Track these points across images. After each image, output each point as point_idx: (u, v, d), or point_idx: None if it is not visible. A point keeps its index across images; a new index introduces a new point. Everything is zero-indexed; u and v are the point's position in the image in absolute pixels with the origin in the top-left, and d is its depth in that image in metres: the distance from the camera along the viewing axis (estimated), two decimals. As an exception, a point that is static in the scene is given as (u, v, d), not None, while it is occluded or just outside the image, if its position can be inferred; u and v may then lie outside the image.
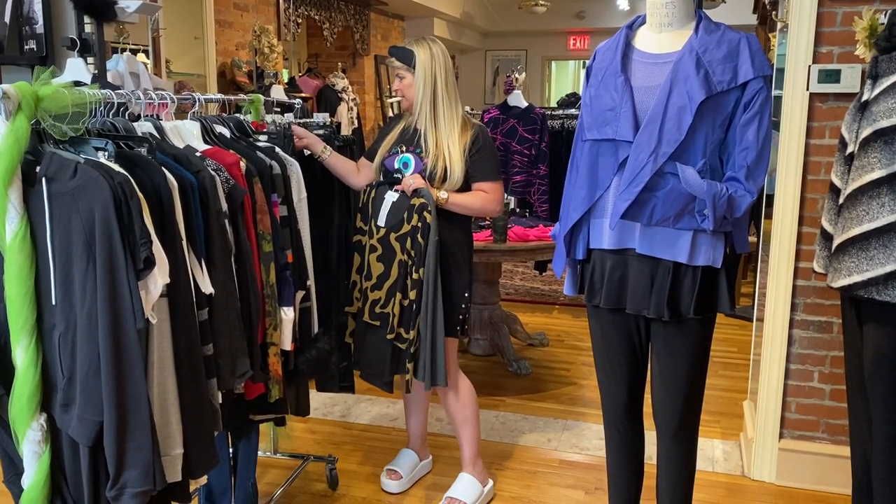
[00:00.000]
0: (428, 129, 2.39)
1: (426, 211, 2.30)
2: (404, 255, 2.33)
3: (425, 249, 2.30)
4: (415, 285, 2.33)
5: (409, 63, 2.39)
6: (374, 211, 2.42)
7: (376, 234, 2.39)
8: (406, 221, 2.33)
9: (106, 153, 1.50)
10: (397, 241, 2.35)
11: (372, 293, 2.40)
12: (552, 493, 2.64)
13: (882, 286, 1.84)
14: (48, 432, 1.49)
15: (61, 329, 1.45)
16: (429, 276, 2.31)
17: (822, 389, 2.62)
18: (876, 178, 1.85)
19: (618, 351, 1.96)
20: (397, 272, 2.35)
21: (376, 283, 2.40)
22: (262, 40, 5.37)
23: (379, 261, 2.39)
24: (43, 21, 2.97)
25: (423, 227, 2.30)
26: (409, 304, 2.34)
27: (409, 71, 2.40)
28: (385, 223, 2.37)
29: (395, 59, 2.43)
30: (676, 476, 1.99)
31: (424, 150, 2.39)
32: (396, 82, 2.46)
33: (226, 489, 2.24)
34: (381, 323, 2.39)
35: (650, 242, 1.79)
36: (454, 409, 2.53)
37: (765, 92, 1.74)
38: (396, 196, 2.37)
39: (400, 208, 2.35)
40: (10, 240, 1.42)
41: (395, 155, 2.45)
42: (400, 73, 2.44)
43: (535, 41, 12.13)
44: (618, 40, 1.87)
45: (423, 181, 2.33)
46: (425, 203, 2.31)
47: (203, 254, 1.68)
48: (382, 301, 2.38)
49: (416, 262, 2.32)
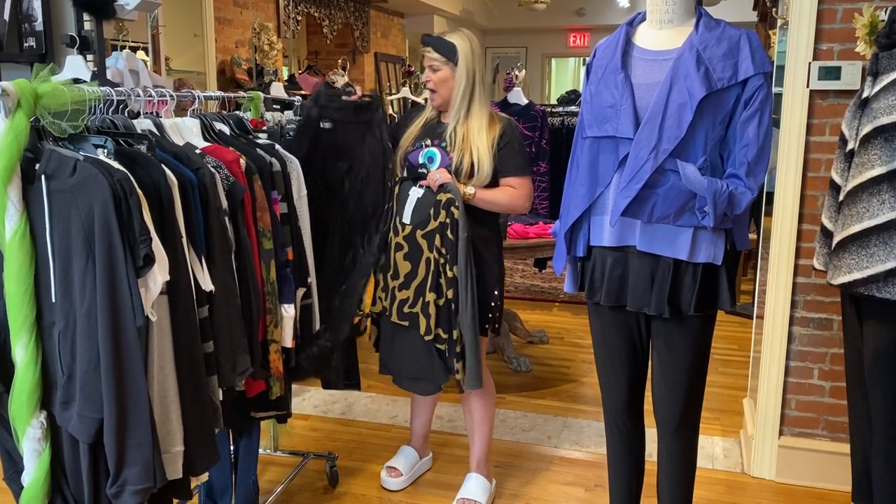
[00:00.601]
0: (458, 123, 2.31)
1: (453, 206, 2.23)
2: (433, 252, 2.26)
3: (456, 246, 2.24)
4: (451, 284, 2.26)
5: (451, 57, 2.29)
6: (399, 207, 2.34)
7: (402, 231, 2.32)
8: (433, 218, 2.26)
9: (105, 150, 1.50)
10: (424, 238, 2.28)
11: (399, 292, 2.34)
12: (552, 491, 2.65)
13: (882, 283, 1.84)
14: (48, 430, 1.49)
15: (61, 326, 1.45)
16: (461, 273, 2.24)
17: (821, 386, 2.62)
18: (876, 175, 1.85)
19: (618, 348, 1.96)
20: (425, 270, 2.28)
21: (403, 283, 2.33)
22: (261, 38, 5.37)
23: (406, 259, 2.32)
24: (42, 18, 2.97)
25: (451, 223, 2.23)
26: (445, 303, 2.27)
27: (447, 64, 2.30)
28: (410, 220, 2.30)
29: (434, 50, 2.32)
30: (677, 473, 1.99)
31: (450, 144, 2.32)
32: (428, 74, 2.35)
33: (227, 486, 2.24)
34: (410, 323, 2.32)
35: (651, 239, 1.79)
36: (475, 408, 2.49)
37: (765, 89, 1.73)
38: (421, 192, 2.30)
39: (426, 204, 2.28)
40: (9, 237, 1.42)
41: (420, 149, 2.37)
42: (435, 66, 2.33)
43: (535, 38, 12.13)
44: (618, 37, 1.87)
45: (449, 176, 2.26)
46: (452, 198, 2.23)
47: (203, 251, 1.68)
48: (411, 300, 2.32)
49: (450, 260, 2.25)
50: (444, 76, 2.32)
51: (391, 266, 2.36)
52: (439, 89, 2.34)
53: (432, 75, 2.34)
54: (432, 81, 2.34)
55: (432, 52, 2.32)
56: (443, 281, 2.27)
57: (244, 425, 2.19)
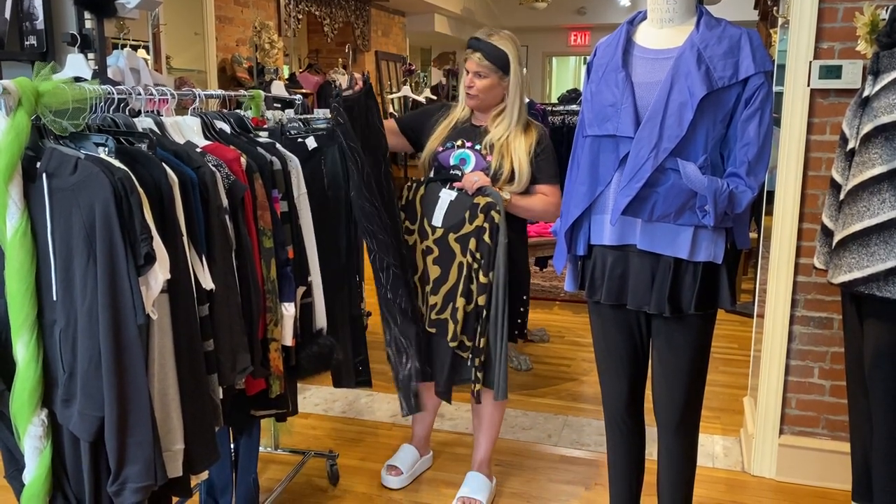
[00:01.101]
0: (497, 128, 2.26)
1: (494, 210, 2.18)
2: (466, 257, 2.21)
3: (494, 251, 2.19)
4: (483, 290, 2.20)
5: (503, 67, 2.22)
6: (426, 210, 2.28)
7: (431, 234, 2.26)
8: (468, 221, 2.20)
9: (106, 149, 1.50)
10: (457, 242, 2.22)
11: (430, 298, 2.29)
12: (552, 489, 2.65)
13: (882, 282, 1.84)
14: (49, 428, 1.49)
15: (62, 325, 1.45)
16: (499, 279, 2.19)
17: (822, 385, 2.62)
18: (877, 175, 1.85)
19: (619, 347, 1.96)
20: (456, 275, 2.23)
21: (433, 288, 2.28)
22: (262, 36, 5.38)
23: (435, 263, 2.26)
24: (43, 17, 2.97)
25: (490, 228, 2.18)
26: (473, 309, 2.23)
27: (496, 73, 2.23)
28: (442, 223, 2.24)
29: (485, 57, 2.22)
30: (677, 472, 1.99)
31: (486, 147, 2.26)
32: (472, 79, 2.26)
33: (227, 484, 2.24)
34: (437, 330, 2.28)
35: (651, 238, 1.79)
36: (487, 412, 2.47)
37: (766, 87, 1.74)
38: (454, 194, 2.23)
39: (460, 207, 2.22)
40: (10, 235, 1.42)
41: (451, 150, 2.30)
42: (483, 72, 2.24)
43: (535, 37, 12.13)
44: (619, 36, 1.87)
45: (487, 179, 2.21)
46: (492, 202, 2.18)
47: (204, 250, 1.68)
48: (439, 307, 2.27)
49: (484, 265, 2.20)
50: (491, 84, 2.25)
51: (421, 268, 2.30)
52: (482, 95, 2.27)
53: (477, 81, 2.25)
54: (476, 87, 2.26)
55: (483, 59, 2.22)
56: (474, 287, 2.22)
57: (244, 424, 2.19)
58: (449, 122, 2.37)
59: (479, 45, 2.23)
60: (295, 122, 2.50)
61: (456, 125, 2.35)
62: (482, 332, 2.24)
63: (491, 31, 2.29)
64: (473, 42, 2.25)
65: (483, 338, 2.24)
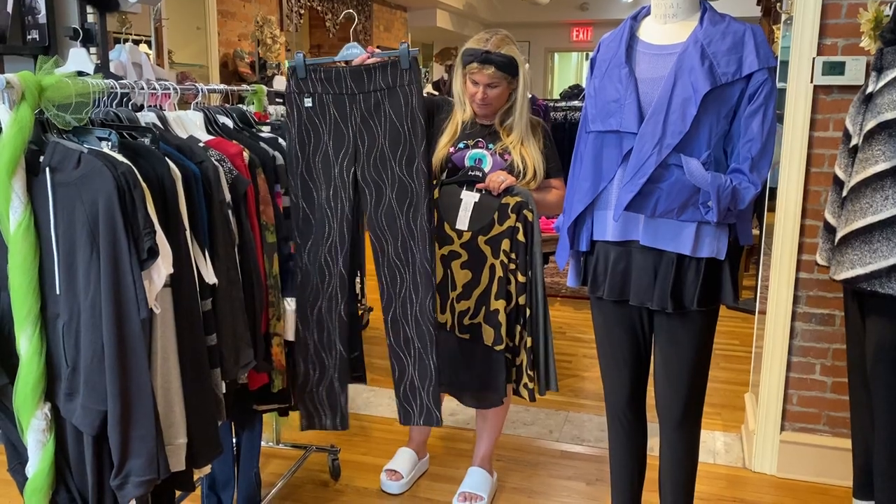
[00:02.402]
0: (512, 127, 2.25)
1: (526, 209, 2.16)
2: (499, 258, 2.19)
3: (531, 249, 2.17)
4: (522, 289, 2.19)
5: (514, 72, 2.21)
6: (446, 213, 2.23)
7: (457, 238, 2.22)
8: (497, 222, 2.18)
9: (109, 143, 1.50)
10: (487, 244, 2.20)
11: (458, 304, 2.24)
12: (554, 485, 2.65)
13: (885, 279, 1.84)
14: (52, 421, 1.49)
15: (65, 318, 1.45)
16: (536, 276, 2.18)
17: (823, 382, 2.62)
18: (880, 171, 1.85)
19: (621, 342, 1.96)
20: (488, 278, 2.20)
21: (462, 293, 2.23)
22: (264, 31, 5.37)
23: (465, 268, 2.22)
24: (45, 11, 2.97)
25: (524, 226, 2.16)
26: (513, 309, 2.21)
27: (506, 78, 2.21)
28: (469, 226, 2.20)
29: (498, 69, 2.18)
30: (679, 467, 1.99)
31: (500, 147, 2.25)
32: (485, 91, 2.21)
33: (229, 479, 2.25)
34: (471, 335, 2.24)
35: (654, 234, 1.79)
36: (494, 410, 2.45)
37: (769, 83, 1.73)
38: (478, 196, 2.19)
39: (487, 209, 2.18)
40: (13, 229, 1.42)
41: (465, 150, 2.27)
42: (495, 83, 2.21)
43: (537, 32, 12.11)
44: (622, 31, 1.87)
45: (513, 178, 2.19)
46: (523, 201, 2.16)
47: (206, 244, 1.68)
48: (472, 311, 2.24)
49: (521, 265, 2.18)
50: (502, 91, 2.23)
51: (447, 277, 2.25)
52: (495, 103, 2.25)
53: (490, 92, 2.21)
54: (489, 97, 2.22)
55: (496, 72, 2.19)
56: (512, 288, 2.20)
57: (246, 418, 2.20)
58: (456, 123, 2.34)
59: (491, 59, 2.18)
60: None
61: (464, 126, 2.33)
62: (529, 331, 2.23)
63: (489, 36, 2.25)
64: (483, 56, 2.19)
65: (530, 337, 2.23)
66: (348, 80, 2.05)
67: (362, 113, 2.06)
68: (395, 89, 2.04)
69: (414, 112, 2.03)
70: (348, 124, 2.08)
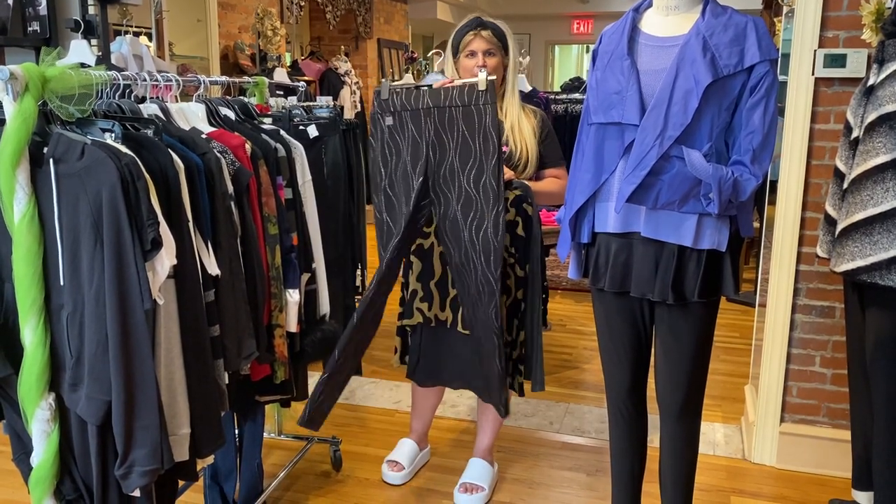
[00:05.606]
0: (505, 110, 2.22)
1: (526, 203, 2.16)
2: None
3: (528, 243, 2.17)
4: (521, 283, 2.18)
5: (506, 47, 2.18)
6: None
7: None
8: None
9: (113, 135, 1.50)
10: None
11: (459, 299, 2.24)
12: (554, 476, 2.66)
13: (885, 271, 1.85)
14: (57, 411, 1.50)
15: (69, 309, 1.46)
16: (535, 271, 2.18)
17: (823, 374, 2.63)
18: (881, 163, 1.85)
19: (622, 334, 1.97)
20: None
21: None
22: (265, 23, 5.36)
23: None
24: (46, 2, 2.97)
25: (524, 220, 2.16)
26: (511, 304, 2.21)
27: (501, 50, 2.19)
28: None
29: (494, 34, 2.16)
30: (679, 459, 2.00)
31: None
32: (483, 59, 2.19)
33: (231, 469, 2.26)
34: (472, 331, 2.24)
35: (655, 226, 1.79)
36: None
37: (771, 76, 1.73)
38: None
39: None
40: (18, 220, 1.43)
41: None
42: (492, 49, 2.20)
43: (538, 25, 12.09)
44: (624, 23, 1.87)
45: (512, 172, 2.18)
46: (522, 195, 2.16)
47: (209, 235, 1.68)
48: None
49: (520, 259, 2.18)
50: (498, 63, 2.21)
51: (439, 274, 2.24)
52: (494, 74, 2.21)
53: (489, 60, 2.18)
54: (489, 66, 2.19)
55: (492, 36, 2.16)
56: (511, 282, 2.20)
57: (248, 409, 2.20)
58: None
59: (486, 23, 2.21)
60: (297, 109, 2.50)
61: None
62: (521, 325, 2.23)
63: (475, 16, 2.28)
64: (477, 21, 2.22)
65: (522, 331, 2.23)
66: (426, 98, 2.08)
67: (436, 126, 2.07)
68: (470, 107, 2.05)
69: (487, 130, 2.03)
70: (422, 136, 2.10)
